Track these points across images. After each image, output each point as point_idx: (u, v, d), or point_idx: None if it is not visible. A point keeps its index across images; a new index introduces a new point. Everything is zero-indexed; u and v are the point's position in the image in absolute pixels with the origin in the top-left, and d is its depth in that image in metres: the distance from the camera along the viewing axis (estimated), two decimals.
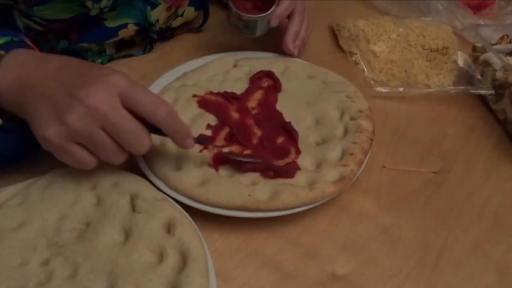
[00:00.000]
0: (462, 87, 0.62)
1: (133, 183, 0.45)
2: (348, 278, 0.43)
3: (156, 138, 0.45)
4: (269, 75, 0.59)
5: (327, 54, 0.70)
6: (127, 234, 0.42)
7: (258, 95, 0.57)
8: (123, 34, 0.62)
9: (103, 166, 0.44)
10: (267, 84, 0.58)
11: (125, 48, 0.67)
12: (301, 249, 0.45)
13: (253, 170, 0.47)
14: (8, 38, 0.46)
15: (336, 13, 0.78)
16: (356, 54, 0.69)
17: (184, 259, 0.40)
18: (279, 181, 0.46)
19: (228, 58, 0.62)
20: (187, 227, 0.42)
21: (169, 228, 0.42)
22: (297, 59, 0.63)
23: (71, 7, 0.55)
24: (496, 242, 0.47)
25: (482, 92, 0.60)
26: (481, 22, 0.73)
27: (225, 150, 0.49)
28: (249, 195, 0.45)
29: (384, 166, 0.54)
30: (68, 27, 0.59)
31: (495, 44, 0.64)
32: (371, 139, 0.52)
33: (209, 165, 0.48)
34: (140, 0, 0.61)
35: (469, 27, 0.67)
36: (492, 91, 0.60)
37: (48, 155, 0.41)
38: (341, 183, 0.47)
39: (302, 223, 0.47)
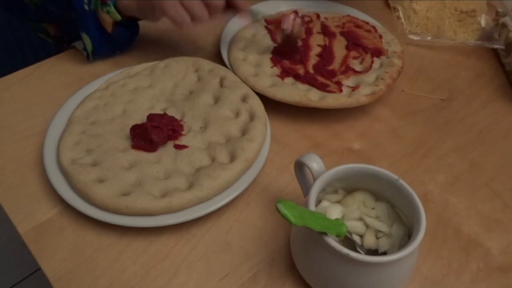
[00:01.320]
0: (479, 42, 0.77)
1: (223, 70, 0.67)
2: (359, 152, 0.63)
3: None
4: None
5: (376, 9, 0.88)
6: (216, 99, 0.63)
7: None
8: None
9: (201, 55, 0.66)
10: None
11: None
12: (331, 132, 0.65)
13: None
14: None
15: None
16: (399, 10, 0.85)
17: (251, 118, 0.61)
18: (327, 92, 0.65)
19: None
20: (256, 100, 0.63)
21: (244, 99, 0.63)
22: None
23: None
24: (474, 147, 0.65)
25: (495, 46, 0.76)
26: None
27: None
28: (304, 95, 0.65)
29: (403, 90, 0.72)
30: None
31: None
32: (399, 72, 0.69)
33: (277, 75, 0.68)
34: None
35: None
36: (502, 47, 0.75)
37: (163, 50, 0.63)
38: (371, 96, 0.65)
39: (339, 120, 0.67)
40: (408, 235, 0.47)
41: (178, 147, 0.57)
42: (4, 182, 0.56)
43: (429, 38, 0.79)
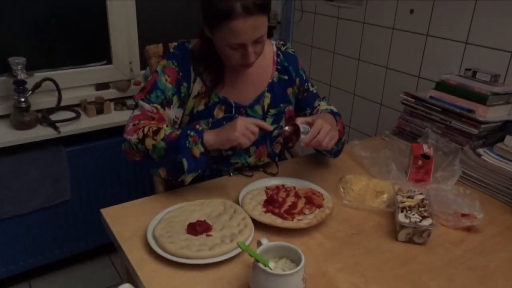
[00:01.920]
0: (383, 207, 1.40)
1: (236, 206, 1.35)
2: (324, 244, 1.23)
3: None
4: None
5: (332, 186, 1.55)
6: (230, 218, 1.30)
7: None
8: (236, 165, 1.60)
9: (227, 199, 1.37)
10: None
11: (237, 171, 1.62)
12: (285, 239, 1.27)
13: None
14: (203, 128, 1.39)
15: (348, 170, 1.64)
16: (345, 188, 1.52)
17: (245, 227, 1.26)
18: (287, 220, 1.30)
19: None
20: (249, 220, 1.29)
21: (243, 218, 1.29)
22: None
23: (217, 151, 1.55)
24: (364, 261, 1.22)
25: (387, 209, 1.39)
26: (410, 186, 1.51)
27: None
28: (274, 220, 1.29)
29: (332, 227, 1.34)
30: (215, 158, 1.55)
31: (403, 193, 1.42)
32: (327, 215, 1.33)
33: (263, 212, 1.35)
34: (244, 153, 1.58)
35: (397, 183, 1.46)
36: (392, 209, 1.38)
37: (210, 193, 1.35)
38: (308, 223, 1.29)
39: (293, 235, 1.29)
40: None
41: (208, 235, 1.22)
42: (128, 240, 1.22)
43: (354, 203, 1.43)
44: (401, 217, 1.29)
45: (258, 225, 1.29)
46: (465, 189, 1.47)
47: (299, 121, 1.34)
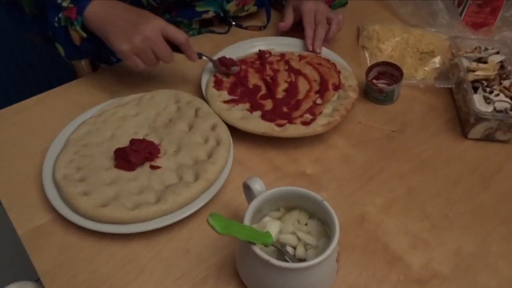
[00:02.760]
0: (432, 81, 0.86)
1: (199, 102, 0.78)
2: (311, 176, 0.73)
3: None
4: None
5: (348, 47, 0.98)
6: (190, 127, 0.74)
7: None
8: (205, 16, 0.96)
9: (183, 90, 0.78)
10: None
11: (206, 26, 1.00)
12: (290, 157, 0.75)
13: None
14: None
15: (368, 18, 1.05)
16: (368, 49, 0.95)
17: (217, 144, 0.72)
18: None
19: None
20: (223, 128, 0.74)
21: (213, 127, 0.74)
22: None
23: None
24: (414, 174, 0.73)
25: (443, 85, 0.85)
26: (470, 36, 0.96)
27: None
28: (268, 127, 0.74)
29: (360, 122, 0.82)
30: (171, 6, 0.93)
31: (468, 52, 0.87)
32: (353, 103, 0.79)
33: (247, 110, 0.78)
34: None
35: (453, 37, 0.90)
36: (452, 86, 0.84)
37: (154, 81, 0.75)
38: (326, 126, 0.75)
39: (298, 147, 0.76)
40: None
41: (153, 167, 0.68)
42: (10, 192, 0.69)
43: None
44: (478, 101, 0.76)
45: (239, 135, 0.75)
46: None
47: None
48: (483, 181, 0.72)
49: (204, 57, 0.82)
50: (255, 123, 0.74)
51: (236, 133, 0.75)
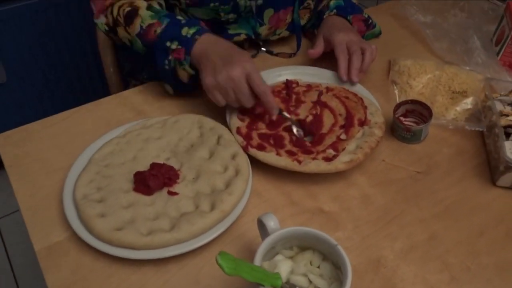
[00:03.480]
0: (462, 123, 0.84)
1: (221, 129, 0.78)
2: (329, 214, 0.71)
3: None
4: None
5: (378, 81, 0.96)
6: (211, 154, 0.75)
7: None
8: (236, 39, 0.96)
9: (209, 116, 0.79)
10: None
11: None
12: (308, 192, 0.74)
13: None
14: (197, 27, 0.81)
15: (402, 51, 1.03)
16: (398, 84, 0.94)
17: (236, 173, 0.71)
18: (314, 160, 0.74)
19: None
20: (243, 158, 0.73)
21: (234, 156, 0.74)
22: None
23: (210, 13, 0.90)
24: (438, 221, 0.71)
25: (473, 128, 0.82)
26: (509, 78, 0.92)
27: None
28: (290, 161, 0.73)
29: (383, 160, 0.80)
30: (206, 25, 0.93)
31: (503, 95, 0.84)
32: (378, 142, 0.77)
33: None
34: (253, 19, 0.95)
35: (488, 78, 0.87)
36: (484, 129, 0.81)
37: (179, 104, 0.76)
38: (348, 164, 0.74)
39: (317, 182, 0.75)
40: None
41: (171, 193, 0.69)
42: (32, 206, 0.70)
43: None
44: (510, 148, 0.73)
45: (259, 166, 0.75)
46: None
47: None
48: (509, 234, 0.69)
49: (283, 114, 0.80)
50: (276, 156, 0.74)
51: (256, 163, 0.74)
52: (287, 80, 0.89)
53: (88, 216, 0.64)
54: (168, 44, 0.80)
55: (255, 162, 0.74)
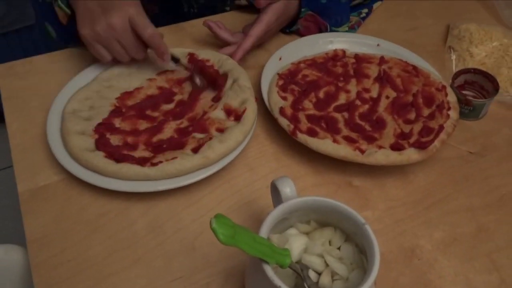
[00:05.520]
0: None
1: (238, 73, 0.67)
2: (358, 188, 0.60)
3: None
4: None
5: (430, 46, 0.82)
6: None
7: None
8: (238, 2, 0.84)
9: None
10: None
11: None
12: (336, 162, 0.62)
13: None
14: None
15: (461, 16, 0.89)
16: (457, 51, 0.80)
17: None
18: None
19: None
20: (251, 108, 0.62)
21: (242, 104, 0.63)
22: None
23: None
24: (489, 212, 0.58)
25: None
26: None
27: None
28: (351, 150, 0.59)
29: None
30: None
31: None
32: (455, 126, 0.63)
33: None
34: None
35: None
36: None
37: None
38: (424, 154, 0.59)
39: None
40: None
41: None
42: (22, 142, 0.62)
43: None
44: None
45: (279, 128, 0.64)
46: None
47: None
48: None
49: (181, 62, 0.69)
50: (334, 144, 0.60)
51: (276, 125, 0.63)
52: (335, 50, 0.76)
53: (67, 130, 0.58)
54: None
55: (275, 124, 0.64)
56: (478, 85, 0.71)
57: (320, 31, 0.80)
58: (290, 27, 0.80)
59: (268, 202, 0.54)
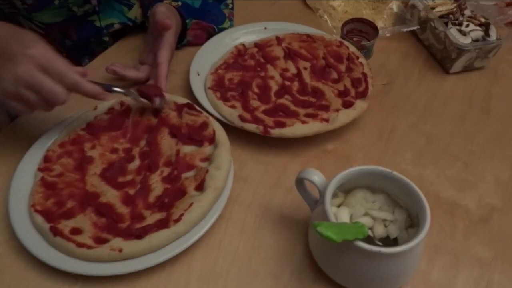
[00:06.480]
0: (397, 27, 0.86)
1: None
2: (334, 151, 0.68)
3: None
4: None
5: (298, 12, 0.93)
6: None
7: None
8: (112, 30, 0.81)
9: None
10: None
11: (121, 36, 0.84)
12: (291, 152, 0.69)
13: None
14: None
15: None
16: (319, 9, 0.92)
17: (216, 145, 0.62)
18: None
19: None
20: (218, 127, 0.65)
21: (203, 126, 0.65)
22: None
23: (61, 12, 0.73)
24: (425, 121, 0.73)
25: (411, 28, 0.86)
26: None
27: None
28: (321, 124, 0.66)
29: None
30: (64, 28, 0.76)
31: None
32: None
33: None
34: (117, 2, 0.80)
35: None
36: (417, 26, 0.85)
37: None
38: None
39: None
40: (409, 216, 0.54)
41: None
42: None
43: None
44: (456, 35, 0.78)
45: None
46: None
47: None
48: (483, 110, 0.75)
49: (115, 90, 0.63)
50: (303, 125, 0.66)
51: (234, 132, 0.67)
52: (236, 46, 0.80)
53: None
54: None
55: (236, 133, 0.67)
56: (357, 31, 0.85)
57: (209, 34, 0.83)
58: (181, 42, 0.81)
59: (269, 199, 0.59)
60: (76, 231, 0.53)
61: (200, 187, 0.58)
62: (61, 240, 0.52)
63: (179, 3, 0.78)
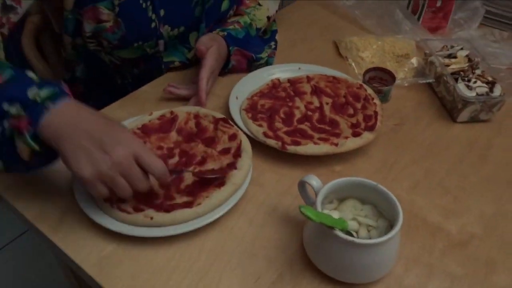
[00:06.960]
0: (415, 78, 0.99)
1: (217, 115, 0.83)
2: (340, 172, 0.80)
3: None
4: None
5: (332, 59, 1.08)
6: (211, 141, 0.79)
7: None
8: (172, 66, 1.00)
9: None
10: None
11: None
12: (304, 169, 0.81)
13: None
14: (52, 90, 0.61)
15: (339, 32, 1.16)
16: (350, 59, 1.06)
17: (241, 152, 0.76)
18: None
19: None
20: (244, 139, 0.78)
21: (233, 138, 0.78)
22: None
23: (137, 51, 0.93)
24: (426, 159, 0.83)
25: (427, 81, 0.97)
26: (432, 38, 1.10)
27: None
28: (330, 146, 0.81)
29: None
30: (136, 61, 0.96)
31: (438, 51, 1.01)
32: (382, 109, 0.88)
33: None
34: (181, 45, 1.00)
35: (422, 40, 1.04)
36: (433, 80, 0.97)
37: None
38: (375, 133, 0.83)
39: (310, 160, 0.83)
40: (391, 226, 0.64)
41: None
42: (61, 231, 0.68)
43: None
44: (462, 88, 0.89)
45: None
46: (501, 33, 1.10)
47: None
48: (481, 156, 0.84)
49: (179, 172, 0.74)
50: (315, 146, 0.78)
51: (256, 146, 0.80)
52: (272, 80, 0.95)
53: None
54: (5, 106, 0.59)
55: (259, 147, 0.80)
56: (378, 78, 0.98)
57: (248, 61, 1.00)
58: (226, 67, 0.98)
59: (278, 202, 0.70)
60: (121, 200, 0.68)
61: (221, 185, 0.71)
62: (109, 206, 0.67)
63: (225, 33, 0.96)
